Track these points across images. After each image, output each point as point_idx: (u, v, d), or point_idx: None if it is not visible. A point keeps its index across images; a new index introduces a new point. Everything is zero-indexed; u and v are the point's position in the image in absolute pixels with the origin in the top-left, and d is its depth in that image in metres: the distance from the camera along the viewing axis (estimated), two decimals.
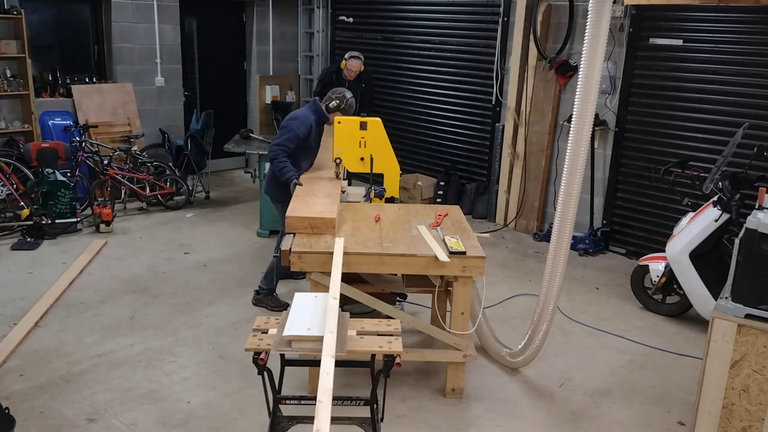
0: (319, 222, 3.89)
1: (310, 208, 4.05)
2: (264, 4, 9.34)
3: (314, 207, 4.10)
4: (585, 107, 3.59)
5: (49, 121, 7.42)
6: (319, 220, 3.89)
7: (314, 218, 3.88)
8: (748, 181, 4.85)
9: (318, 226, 3.88)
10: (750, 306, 3.16)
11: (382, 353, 2.89)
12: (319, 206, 4.12)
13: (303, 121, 4.99)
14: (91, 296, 5.21)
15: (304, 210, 4.01)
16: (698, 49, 5.91)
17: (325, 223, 3.89)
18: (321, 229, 3.88)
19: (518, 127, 7.21)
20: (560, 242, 3.85)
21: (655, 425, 3.85)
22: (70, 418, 3.66)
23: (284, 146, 4.85)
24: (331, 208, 4.09)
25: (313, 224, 3.87)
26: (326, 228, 3.88)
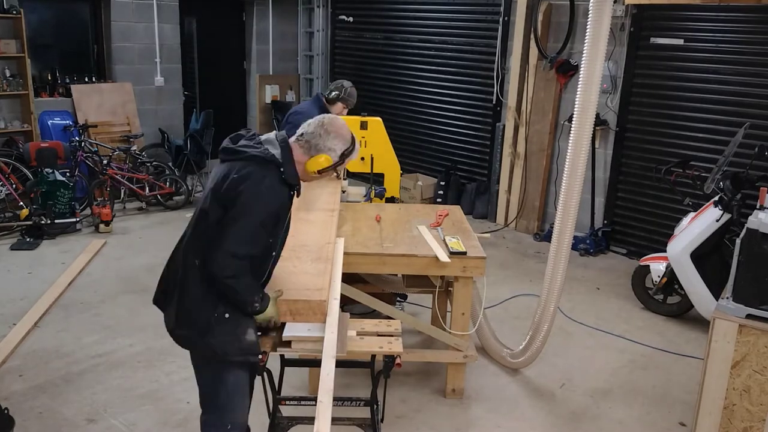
0: (302, 307, 2.63)
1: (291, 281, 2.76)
2: (264, 3, 9.33)
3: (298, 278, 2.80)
4: (586, 107, 3.58)
5: (49, 120, 7.42)
6: (303, 304, 2.62)
7: (296, 301, 2.62)
8: (749, 181, 4.84)
9: (301, 312, 2.62)
10: (751, 306, 3.15)
11: (383, 354, 2.88)
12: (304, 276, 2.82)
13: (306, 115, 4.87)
14: (90, 296, 5.20)
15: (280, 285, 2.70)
16: (699, 49, 5.90)
17: (312, 308, 2.62)
18: (305, 316, 2.64)
19: (519, 126, 7.20)
20: (561, 242, 3.84)
21: (656, 426, 3.84)
22: (69, 419, 3.65)
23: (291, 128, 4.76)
24: (322, 279, 2.79)
25: (294, 310, 2.62)
26: (312, 314, 2.63)
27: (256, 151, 2.47)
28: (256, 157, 2.46)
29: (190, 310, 2.53)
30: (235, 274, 2.40)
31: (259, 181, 2.41)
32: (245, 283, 2.44)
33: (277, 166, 2.49)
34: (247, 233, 2.39)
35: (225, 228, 2.40)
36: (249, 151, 2.46)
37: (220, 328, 2.49)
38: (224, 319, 2.49)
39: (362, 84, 8.98)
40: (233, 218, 2.40)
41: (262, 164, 2.46)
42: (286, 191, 2.54)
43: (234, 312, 2.50)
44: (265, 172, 2.45)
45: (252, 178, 2.40)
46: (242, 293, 2.45)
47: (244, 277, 2.43)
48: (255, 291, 2.49)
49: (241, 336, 2.52)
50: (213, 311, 2.49)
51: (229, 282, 2.41)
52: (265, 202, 2.42)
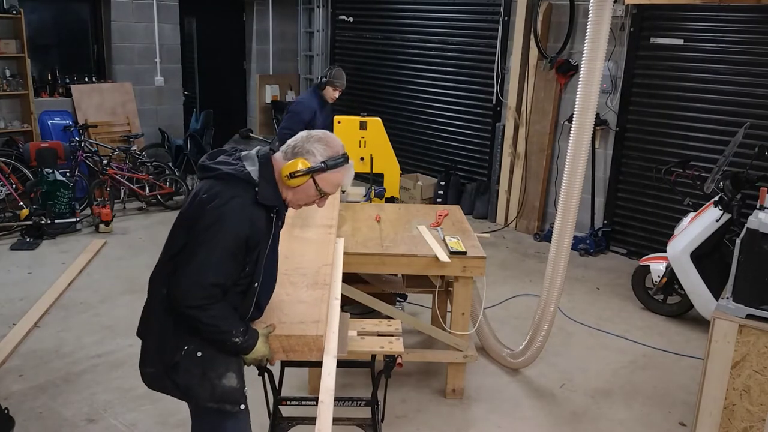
0: (296, 343, 2.31)
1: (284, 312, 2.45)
2: (264, 3, 9.33)
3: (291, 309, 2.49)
4: (586, 107, 3.58)
5: (49, 120, 7.42)
6: (297, 339, 2.31)
7: (289, 337, 2.31)
8: (749, 181, 4.84)
9: (295, 349, 2.32)
10: (751, 306, 3.15)
11: (383, 353, 2.88)
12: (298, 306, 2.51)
13: (306, 104, 5.34)
14: (90, 296, 5.20)
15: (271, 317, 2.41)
16: (699, 49, 5.90)
17: (307, 344, 2.31)
18: (300, 353, 2.33)
19: (519, 126, 7.20)
20: (561, 242, 3.84)
21: (656, 426, 3.84)
22: (69, 419, 3.65)
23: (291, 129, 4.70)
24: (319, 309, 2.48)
25: (287, 346, 2.32)
26: (309, 351, 2.32)
27: (229, 168, 2.17)
28: (228, 175, 2.16)
29: (156, 344, 2.25)
30: (199, 304, 2.08)
31: (226, 201, 2.10)
32: (213, 315, 2.10)
33: (251, 185, 2.16)
34: (212, 260, 2.07)
35: (189, 253, 2.10)
36: (222, 168, 2.17)
37: (187, 365, 2.19)
38: (195, 358, 2.19)
39: (362, 84, 9.02)
40: (197, 242, 2.09)
41: (232, 183, 2.15)
42: (261, 214, 2.17)
43: (208, 351, 2.19)
44: (235, 192, 2.13)
45: (219, 197, 2.10)
46: (210, 326, 2.11)
47: (211, 308, 2.10)
48: (230, 324, 2.14)
49: (215, 380, 2.20)
50: (181, 347, 2.19)
51: (193, 313, 2.09)
52: (230, 226, 2.08)
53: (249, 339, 2.18)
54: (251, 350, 2.20)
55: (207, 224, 2.09)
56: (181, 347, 2.20)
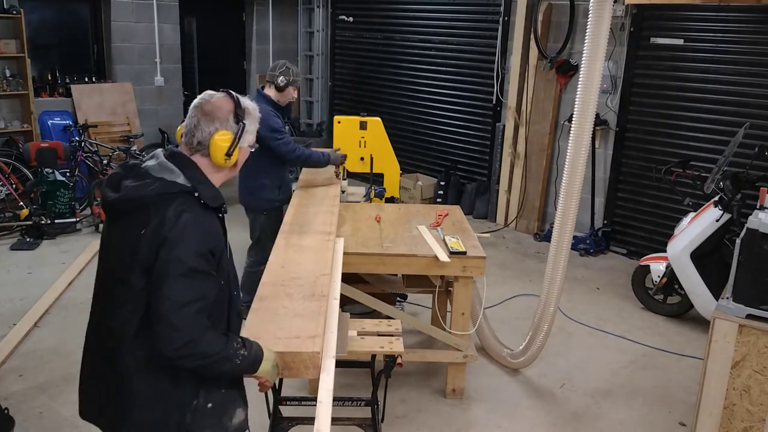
0: (291, 360, 2.15)
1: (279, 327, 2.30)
2: (264, 3, 9.33)
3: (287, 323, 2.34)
4: (586, 107, 3.58)
5: (49, 120, 7.42)
6: (292, 356, 2.15)
7: (284, 354, 2.13)
8: (749, 181, 4.84)
9: (290, 367, 2.15)
10: (751, 306, 3.15)
11: (383, 353, 2.88)
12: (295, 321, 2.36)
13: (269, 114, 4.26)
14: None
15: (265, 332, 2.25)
16: (699, 49, 5.90)
17: (303, 361, 2.15)
18: (296, 371, 2.17)
19: (519, 126, 7.20)
20: (561, 242, 3.84)
21: (656, 426, 3.84)
22: (69, 419, 3.65)
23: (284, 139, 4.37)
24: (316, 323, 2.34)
25: (282, 364, 2.12)
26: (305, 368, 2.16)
27: (153, 189, 1.87)
28: (158, 197, 1.87)
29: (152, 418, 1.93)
30: (191, 339, 1.81)
31: (174, 222, 1.83)
32: (207, 342, 1.84)
33: (188, 193, 1.90)
34: (183, 288, 1.81)
35: (156, 294, 1.82)
36: (144, 193, 1.87)
37: (200, 423, 1.96)
38: (206, 410, 1.97)
39: (362, 84, 9.03)
40: (159, 279, 1.81)
41: (169, 201, 1.86)
42: (213, 217, 1.96)
43: (217, 397, 2.00)
44: (179, 208, 1.86)
45: (166, 223, 1.83)
46: (210, 355, 1.85)
47: (204, 336, 1.84)
48: (227, 341, 1.90)
49: (228, 423, 2.03)
50: (188, 406, 1.95)
51: (187, 351, 1.81)
52: (190, 244, 1.83)
53: (252, 350, 1.96)
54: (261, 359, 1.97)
55: (166, 255, 1.82)
56: (189, 405, 1.95)
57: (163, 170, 1.93)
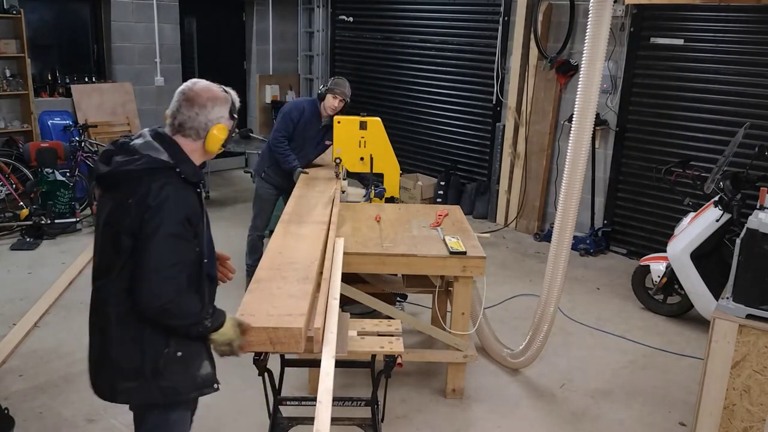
0: (283, 335, 2.35)
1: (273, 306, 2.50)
2: (264, 3, 9.33)
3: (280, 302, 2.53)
4: (586, 107, 3.58)
5: (49, 120, 7.42)
6: (283, 331, 2.35)
7: (276, 329, 2.34)
8: (749, 181, 4.84)
9: (282, 341, 2.35)
10: (751, 306, 3.15)
11: (383, 353, 2.88)
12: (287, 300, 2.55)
13: (295, 105, 5.22)
14: (90, 296, 5.18)
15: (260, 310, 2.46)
16: (699, 49, 5.90)
17: (293, 336, 2.34)
18: (287, 345, 2.37)
19: (519, 126, 7.20)
20: (561, 242, 3.84)
21: (656, 426, 3.84)
22: (69, 419, 3.65)
23: (280, 132, 5.05)
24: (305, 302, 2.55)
25: (274, 338, 2.35)
26: (295, 343, 2.36)
27: (140, 164, 2.14)
28: (144, 172, 2.13)
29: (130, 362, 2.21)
30: (171, 297, 2.09)
31: (158, 192, 2.10)
32: (185, 302, 2.14)
33: (171, 169, 2.17)
34: (164, 251, 2.09)
35: (141, 256, 2.10)
36: (132, 167, 2.13)
37: (171, 368, 2.22)
38: (176, 358, 2.22)
39: (362, 84, 9.02)
40: (145, 243, 2.09)
41: (154, 175, 2.13)
42: (190, 192, 2.21)
43: (185, 348, 2.24)
44: (162, 181, 2.12)
45: (151, 193, 2.10)
46: (185, 314, 2.15)
47: (182, 296, 2.13)
48: (199, 309, 2.18)
49: (195, 372, 2.28)
50: (161, 353, 2.20)
51: (168, 307, 2.10)
52: (171, 212, 2.11)
53: (216, 318, 2.22)
54: (219, 329, 2.23)
55: (148, 221, 2.09)
56: (161, 353, 2.20)
57: (149, 148, 2.20)
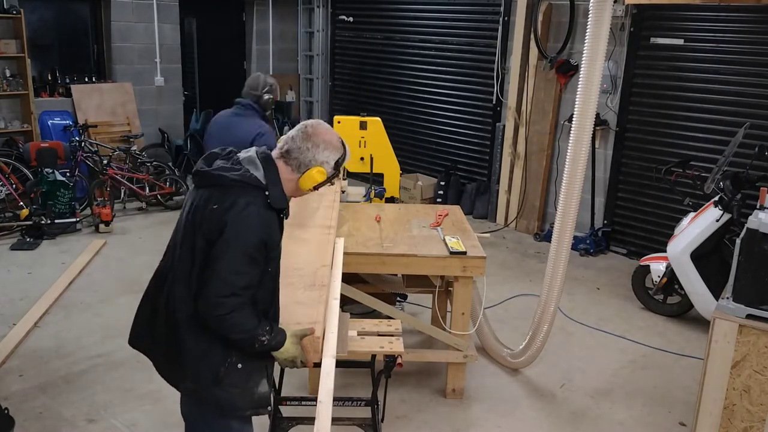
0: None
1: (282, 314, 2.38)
2: (264, 3, 9.33)
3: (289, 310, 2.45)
4: (586, 107, 3.58)
5: (49, 120, 7.41)
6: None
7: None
8: (749, 181, 4.84)
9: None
10: (751, 306, 3.15)
11: (383, 353, 2.88)
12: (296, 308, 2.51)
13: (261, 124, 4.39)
14: (90, 296, 5.20)
15: None
16: (699, 49, 5.90)
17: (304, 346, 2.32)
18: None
19: (519, 126, 7.20)
20: (561, 242, 3.84)
21: (657, 426, 3.84)
22: (69, 419, 3.65)
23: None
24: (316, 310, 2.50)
25: None
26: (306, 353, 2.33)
27: (235, 174, 2.19)
28: (236, 182, 2.18)
29: (196, 364, 2.24)
30: (229, 310, 2.12)
31: (242, 209, 2.14)
32: (242, 315, 2.15)
33: (261, 189, 2.20)
34: (235, 267, 2.12)
35: (211, 264, 2.15)
36: (228, 175, 2.19)
37: (231, 379, 2.24)
38: (237, 370, 2.24)
39: (362, 84, 9.03)
40: (218, 253, 2.14)
41: (244, 190, 2.18)
42: (273, 216, 2.24)
43: (247, 362, 2.25)
44: (249, 199, 2.16)
45: (235, 207, 2.14)
46: (236, 329, 2.16)
47: (241, 310, 2.15)
48: (254, 324, 2.17)
49: (254, 388, 2.29)
50: (222, 362, 2.23)
51: (224, 318, 2.13)
52: (250, 232, 2.14)
53: (276, 337, 2.21)
54: (280, 348, 2.22)
55: (227, 234, 2.12)
56: (225, 360, 2.22)
57: (250, 163, 2.24)
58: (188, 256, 2.21)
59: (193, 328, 2.22)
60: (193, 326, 2.21)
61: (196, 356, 2.23)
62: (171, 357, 2.30)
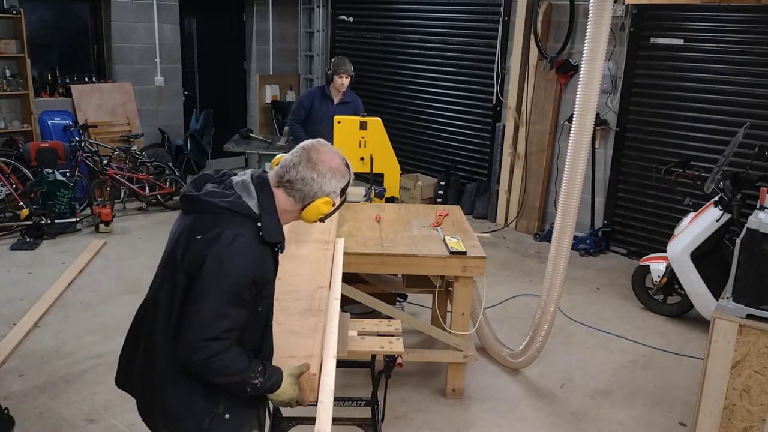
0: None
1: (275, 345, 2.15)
2: (264, 3, 9.33)
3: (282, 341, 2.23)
4: (586, 107, 3.58)
5: (49, 120, 7.41)
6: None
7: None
8: (749, 180, 4.83)
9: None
10: (751, 306, 3.15)
11: (384, 353, 2.88)
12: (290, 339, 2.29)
13: (307, 93, 6.17)
14: (90, 296, 5.20)
15: None
16: (699, 49, 5.90)
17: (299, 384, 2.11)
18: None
19: (519, 126, 7.20)
20: (561, 242, 3.84)
21: (656, 426, 3.84)
22: (69, 419, 3.65)
23: (293, 116, 6.00)
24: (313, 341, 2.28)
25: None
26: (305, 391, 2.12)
27: (225, 201, 1.93)
28: (225, 211, 1.92)
29: (176, 413, 2.00)
30: (213, 353, 1.86)
31: (229, 242, 1.87)
32: (230, 357, 1.89)
33: (253, 220, 1.94)
34: (218, 308, 1.86)
35: (192, 303, 1.88)
36: (216, 201, 1.93)
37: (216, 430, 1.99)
38: (223, 421, 2.00)
39: (362, 84, 9.00)
40: (200, 291, 1.87)
41: (233, 220, 1.91)
42: (266, 251, 1.97)
43: (236, 411, 2.02)
44: (238, 230, 1.89)
45: (221, 240, 1.87)
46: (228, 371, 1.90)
47: (227, 352, 1.88)
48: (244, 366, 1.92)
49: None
50: (207, 412, 1.98)
51: (209, 362, 1.86)
52: (237, 269, 1.87)
53: (271, 377, 1.98)
54: (277, 389, 2.00)
55: (210, 270, 1.87)
56: (210, 410, 1.99)
57: (243, 188, 1.99)
58: (168, 292, 1.97)
59: (172, 372, 1.96)
60: (173, 371, 1.96)
61: (177, 404, 1.99)
62: (149, 401, 2.08)
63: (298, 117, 5.92)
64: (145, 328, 2.06)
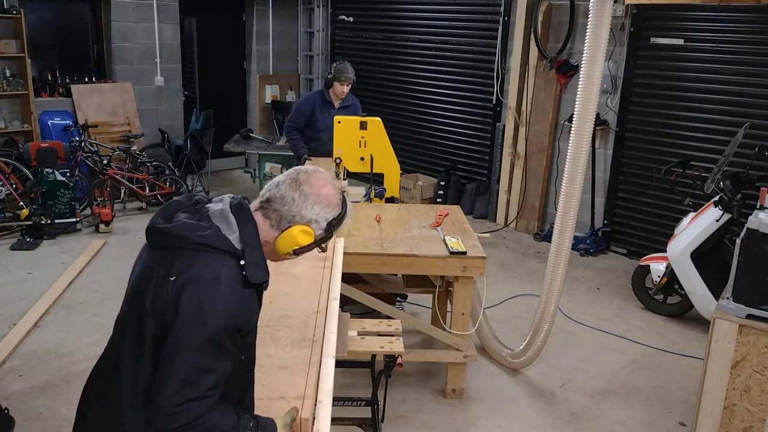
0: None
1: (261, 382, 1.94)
2: (264, 3, 9.33)
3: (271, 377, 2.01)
4: (586, 107, 3.58)
5: (49, 120, 7.41)
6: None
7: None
8: (749, 180, 4.84)
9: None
10: (751, 306, 3.15)
11: (383, 353, 2.88)
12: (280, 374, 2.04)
13: (307, 97, 5.96)
14: (90, 296, 5.20)
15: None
16: (699, 49, 5.90)
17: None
18: None
19: (519, 126, 7.20)
20: (561, 242, 3.84)
21: (656, 426, 3.84)
22: (69, 419, 3.61)
23: (290, 122, 5.76)
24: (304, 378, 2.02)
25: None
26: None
27: (201, 236, 1.63)
28: (202, 247, 1.63)
29: None
30: (195, 417, 1.55)
31: (208, 287, 1.59)
32: (217, 417, 1.59)
33: (235, 258, 1.65)
34: (199, 362, 1.57)
35: (168, 359, 1.57)
36: (191, 236, 1.63)
37: None
38: None
39: (362, 84, 8.97)
40: (176, 344, 1.57)
41: (211, 258, 1.62)
42: (251, 294, 1.69)
43: None
44: (218, 271, 1.61)
45: (199, 282, 1.59)
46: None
47: (212, 412, 1.58)
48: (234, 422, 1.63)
49: None
50: None
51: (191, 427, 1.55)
52: (218, 317, 1.58)
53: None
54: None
55: (187, 318, 1.57)
56: None
57: (221, 219, 1.71)
58: (134, 342, 1.65)
59: None
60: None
61: None
62: None
63: (296, 124, 5.70)
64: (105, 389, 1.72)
